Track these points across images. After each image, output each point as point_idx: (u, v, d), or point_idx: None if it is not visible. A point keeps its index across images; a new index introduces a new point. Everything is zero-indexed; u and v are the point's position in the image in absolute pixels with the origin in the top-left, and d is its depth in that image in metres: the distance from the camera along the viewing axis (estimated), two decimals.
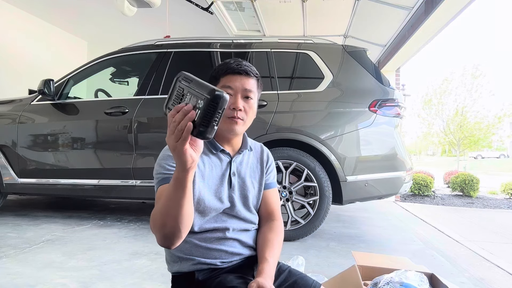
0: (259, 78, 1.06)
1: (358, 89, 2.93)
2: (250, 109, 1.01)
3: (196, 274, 1.00)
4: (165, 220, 0.80)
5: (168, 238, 0.83)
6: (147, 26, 5.87)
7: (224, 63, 1.04)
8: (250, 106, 1.02)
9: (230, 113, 0.98)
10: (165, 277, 1.92)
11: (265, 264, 0.96)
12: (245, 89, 1.00)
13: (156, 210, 0.83)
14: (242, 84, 1.00)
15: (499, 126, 14.90)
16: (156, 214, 0.82)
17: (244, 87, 1.00)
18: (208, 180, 1.01)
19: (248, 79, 1.01)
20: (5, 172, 3.21)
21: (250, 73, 1.02)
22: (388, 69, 6.25)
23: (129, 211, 3.87)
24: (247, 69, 1.02)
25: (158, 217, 0.81)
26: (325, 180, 2.77)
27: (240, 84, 1.00)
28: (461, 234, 4.16)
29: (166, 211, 0.79)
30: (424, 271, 1.39)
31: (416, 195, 8.16)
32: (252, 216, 1.08)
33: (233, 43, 3.22)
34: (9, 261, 2.17)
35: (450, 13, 3.84)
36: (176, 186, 0.76)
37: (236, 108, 0.98)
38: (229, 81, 1.00)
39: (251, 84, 1.02)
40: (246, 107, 1.01)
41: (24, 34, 5.59)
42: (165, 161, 0.95)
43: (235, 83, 1.00)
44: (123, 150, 3.04)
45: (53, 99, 3.19)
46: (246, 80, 1.01)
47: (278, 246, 1.05)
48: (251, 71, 1.02)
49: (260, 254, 1.02)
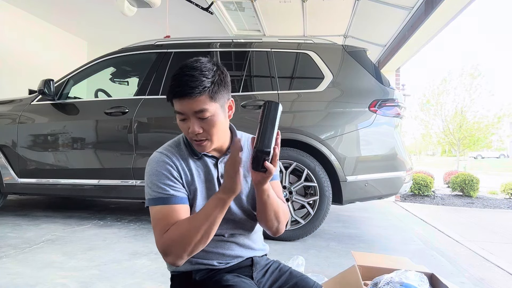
0: (209, 85, 0.90)
1: (358, 89, 2.93)
2: (210, 126, 0.92)
3: (193, 274, 0.99)
4: (203, 239, 0.87)
5: (190, 255, 0.90)
6: (147, 26, 5.87)
7: (170, 83, 0.91)
8: (209, 123, 0.92)
9: (192, 137, 0.94)
10: (165, 277, 1.92)
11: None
12: (194, 111, 0.90)
13: (189, 228, 0.87)
14: (190, 107, 0.90)
15: (498, 126, 14.89)
16: (187, 235, 0.86)
17: (193, 110, 0.90)
18: (198, 186, 0.99)
19: (194, 100, 0.89)
20: (5, 172, 3.21)
21: (191, 92, 0.88)
22: (388, 69, 6.25)
23: (129, 211, 3.87)
24: (188, 89, 0.88)
25: (192, 238, 0.86)
26: (325, 180, 2.77)
27: (188, 108, 0.90)
28: (461, 234, 4.16)
29: (207, 231, 0.86)
30: (424, 271, 1.40)
31: (416, 195, 8.16)
32: (249, 217, 1.04)
33: (233, 42, 3.22)
34: (9, 261, 2.17)
35: (450, 13, 3.84)
36: (221, 207, 0.85)
37: (193, 132, 0.92)
38: (178, 106, 0.91)
39: (200, 103, 0.89)
40: (205, 127, 0.92)
41: (24, 34, 5.59)
42: (158, 179, 0.94)
43: (183, 108, 0.90)
44: (123, 150, 3.04)
45: (53, 99, 3.19)
46: (192, 102, 0.89)
47: (282, 205, 1.03)
48: (194, 87, 0.88)
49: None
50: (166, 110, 2.99)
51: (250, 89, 3.03)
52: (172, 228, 0.89)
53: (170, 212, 0.91)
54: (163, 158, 0.97)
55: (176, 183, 0.95)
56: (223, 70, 0.97)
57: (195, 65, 0.92)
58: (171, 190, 0.93)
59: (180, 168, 0.97)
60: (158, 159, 0.97)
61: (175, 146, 1.01)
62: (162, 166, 0.95)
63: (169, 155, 0.98)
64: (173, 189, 0.94)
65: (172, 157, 0.97)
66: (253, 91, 2.99)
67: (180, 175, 0.97)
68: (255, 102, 2.88)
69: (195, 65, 0.92)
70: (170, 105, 0.95)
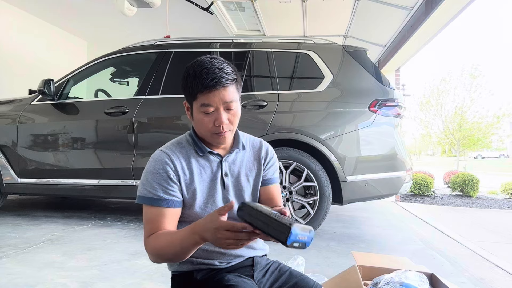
0: (236, 77, 0.95)
1: (358, 89, 2.93)
2: (234, 116, 0.96)
3: (194, 273, 1.00)
4: (178, 259, 0.90)
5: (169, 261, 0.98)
6: (147, 26, 5.87)
7: (198, 77, 0.92)
8: (234, 113, 0.96)
9: (216, 129, 0.94)
10: (165, 277, 1.92)
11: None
12: (225, 102, 0.92)
13: (163, 246, 0.89)
14: (222, 98, 0.92)
15: (498, 126, 14.90)
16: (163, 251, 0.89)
17: (224, 101, 0.92)
18: (199, 185, 0.99)
19: (226, 90, 0.92)
20: (5, 172, 3.21)
21: (227, 82, 0.92)
22: (388, 69, 6.25)
23: (129, 211, 3.87)
24: (223, 80, 0.91)
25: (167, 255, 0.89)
26: (325, 180, 2.77)
27: (219, 99, 0.92)
28: (461, 234, 4.16)
29: (180, 256, 0.88)
30: (424, 271, 1.40)
31: (416, 195, 8.17)
32: None
33: (233, 42, 3.22)
34: (9, 261, 2.17)
35: (450, 13, 3.84)
36: (194, 245, 0.85)
37: (221, 124, 0.93)
38: (207, 99, 0.92)
39: (231, 93, 0.93)
40: (230, 118, 0.95)
41: (24, 34, 5.59)
42: (153, 177, 0.95)
43: (214, 99, 0.92)
44: (123, 150, 3.04)
45: (53, 99, 3.19)
46: (224, 92, 0.92)
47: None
48: (228, 77, 0.92)
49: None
50: (166, 110, 2.99)
51: (250, 89, 3.03)
52: (153, 237, 0.92)
53: (157, 216, 0.94)
54: (163, 158, 0.97)
55: (170, 186, 0.95)
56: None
57: (216, 61, 0.94)
58: (162, 192, 0.94)
59: (180, 168, 0.97)
60: (158, 157, 0.97)
61: (178, 145, 1.02)
62: (161, 165, 0.96)
63: (170, 154, 0.98)
64: (165, 191, 0.94)
65: (172, 156, 0.98)
66: (253, 91, 2.99)
67: (178, 176, 0.97)
68: (255, 102, 2.88)
69: (216, 61, 0.94)
70: (170, 105, 0.95)
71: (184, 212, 0.99)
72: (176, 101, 2.96)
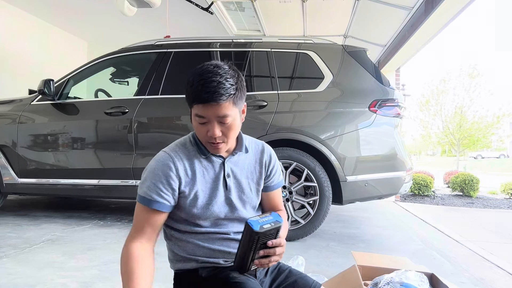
0: (235, 92, 0.91)
1: (358, 89, 2.93)
2: (229, 130, 0.94)
3: (199, 271, 1.01)
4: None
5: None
6: (147, 26, 5.87)
7: (194, 87, 0.90)
8: (229, 127, 0.93)
9: (210, 139, 0.94)
10: (165, 277, 1.91)
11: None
12: (218, 116, 0.91)
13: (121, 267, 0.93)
14: (214, 113, 0.90)
15: (498, 126, 14.90)
16: (121, 268, 0.93)
17: (217, 115, 0.91)
18: (201, 186, 1.00)
19: (220, 105, 0.89)
20: (5, 172, 3.21)
21: (221, 98, 0.89)
22: (388, 69, 6.25)
23: (129, 211, 3.86)
24: (216, 96, 0.88)
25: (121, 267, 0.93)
26: (325, 180, 2.77)
27: (212, 113, 0.90)
28: (461, 234, 4.16)
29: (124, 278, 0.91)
30: (424, 271, 1.40)
31: (416, 195, 8.17)
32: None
33: (233, 42, 3.22)
34: (9, 261, 2.17)
35: (450, 13, 3.84)
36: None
37: (213, 136, 0.93)
38: (200, 111, 0.91)
39: (224, 109, 0.90)
40: (224, 131, 0.93)
41: (24, 34, 5.59)
42: (153, 177, 0.96)
43: (206, 112, 0.90)
44: (123, 150, 3.04)
45: (53, 99, 3.19)
46: (217, 107, 0.89)
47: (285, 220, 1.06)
48: (223, 93, 0.89)
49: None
50: (166, 110, 2.99)
51: (250, 89, 3.03)
52: (128, 251, 0.96)
53: (147, 216, 0.96)
54: (166, 161, 0.97)
55: (165, 189, 0.96)
56: (240, 74, 0.97)
57: (218, 71, 0.91)
58: (155, 193, 0.95)
59: (182, 170, 0.98)
60: (161, 159, 0.98)
61: (182, 145, 1.02)
62: (162, 168, 0.96)
63: (173, 156, 0.98)
64: (158, 193, 0.95)
65: (175, 158, 0.98)
66: (253, 91, 2.99)
67: (180, 178, 0.97)
68: (255, 102, 2.88)
69: (218, 71, 0.91)
70: (170, 105, 0.95)
71: (186, 212, 0.99)
72: (176, 101, 2.96)
